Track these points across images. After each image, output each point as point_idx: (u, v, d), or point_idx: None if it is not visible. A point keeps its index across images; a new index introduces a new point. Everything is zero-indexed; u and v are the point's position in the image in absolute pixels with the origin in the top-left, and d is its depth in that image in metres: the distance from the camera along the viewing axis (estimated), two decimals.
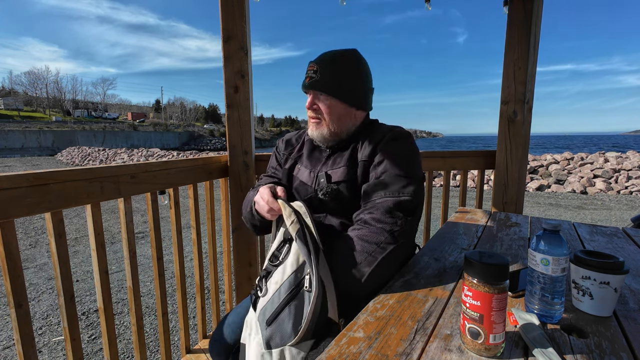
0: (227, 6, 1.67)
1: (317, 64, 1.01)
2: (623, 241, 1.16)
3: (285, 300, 0.84)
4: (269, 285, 0.90)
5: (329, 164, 1.05)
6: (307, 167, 1.09)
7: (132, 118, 78.57)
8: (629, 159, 9.84)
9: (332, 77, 1.00)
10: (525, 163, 1.94)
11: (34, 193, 0.99)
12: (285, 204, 0.92)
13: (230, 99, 1.76)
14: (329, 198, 0.99)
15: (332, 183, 0.99)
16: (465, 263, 0.59)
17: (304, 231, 0.86)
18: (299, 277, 0.86)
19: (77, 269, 3.44)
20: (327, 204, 1.01)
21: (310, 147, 1.12)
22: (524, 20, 1.79)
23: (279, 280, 0.87)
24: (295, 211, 0.90)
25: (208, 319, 2.35)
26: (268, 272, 0.92)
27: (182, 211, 5.15)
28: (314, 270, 0.82)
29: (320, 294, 0.82)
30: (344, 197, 0.98)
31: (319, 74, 1.00)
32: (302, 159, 1.13)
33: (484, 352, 0.56)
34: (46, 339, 2.26)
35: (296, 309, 0.83)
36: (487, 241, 1.15)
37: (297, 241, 0.85)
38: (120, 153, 19.88)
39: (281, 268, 0.89)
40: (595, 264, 0.67)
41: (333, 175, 1.01)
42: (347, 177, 0.99)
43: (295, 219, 0.88)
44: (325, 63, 1.01)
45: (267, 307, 0.87)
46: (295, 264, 0.87)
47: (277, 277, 0.88)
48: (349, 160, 1.01)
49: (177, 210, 1.55)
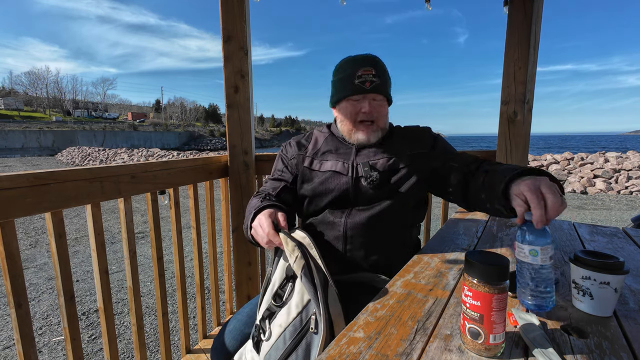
0: (227, 6, 1.67)
1: (373, 67, 1.04)
2: (623, 241, 1.16)
3: (291, 346, 0.81)
4: (272, 328, 0.85)
5: (362, 156, 1.08)
6: (336, 159, 1.10)
7: (132, 118, 78.61)
8: (629, 159, 9.84)
9: (385, 79, 1.07)
10: (525, 163, 1.94)
11: (34, 193, 0.99)
12: (288, 238, 0.85)
13: (230, 99, 1.76)
14: (373, 185, 1.03)
15: (376, 172, 1.03)
16: (466, 263, 0.59)
17: (310, 266, 0.82)
18: (305, 318, 0.82)
19: (77, 269, 3.44)
20: (365, 193, 1.04)
21: (333, 142, 1.14)
22: (524, 20, 1.79)
23: (284, 323, 0.83)
24: (298, 244, 0.85)
25: (208, 319, 2.35)
26: (272, 313, 0.88)
27: (182, 211, 5.15)
28: (321, 311, 0.78)
29: (329, 335, 0.78)
30: (385, 186, 1.04)
31: (378, 77, 1.04)
32: (321, 155, 1.13)
33: (484, 352, 0.56)
34: (46, 339, 2.26)
35: (304, 355, 0.79)
36: (487, 241, 1.15)
37: (303, 279, 0.81)
38: (120, 153, 19.89)
39: (285, 309, 0.85)
40: (596, 264, 0.67)
41: (376, 165, 1.06)
42: (389, 167, 1.05)
43: (300, 254, 0.83)
44: (378, 66, 1.06)
45: (272, 353, 0.83)
46: (301, 304, 0.83)
47: (281, 319, 0.84)
48: (386, 153, 1.07)
49: (177, 210, 1.55)
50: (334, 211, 1.07)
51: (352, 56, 1.10)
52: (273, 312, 0.88)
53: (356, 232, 1.03)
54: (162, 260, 1.47)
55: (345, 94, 1.07)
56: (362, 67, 1.04)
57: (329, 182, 1.07)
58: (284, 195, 1.13)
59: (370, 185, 1.03)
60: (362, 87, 1.03)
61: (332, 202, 1.07)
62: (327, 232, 1.06)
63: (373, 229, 1.03)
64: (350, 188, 1.05)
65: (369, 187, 1.03)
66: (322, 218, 1.08)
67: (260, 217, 0.93)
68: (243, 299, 1.92)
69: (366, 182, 1.03)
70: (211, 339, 1.79)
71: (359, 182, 1.04)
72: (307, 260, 0.83)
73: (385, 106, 1.09)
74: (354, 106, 1.06)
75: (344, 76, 1.07)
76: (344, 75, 1.07)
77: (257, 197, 1.10)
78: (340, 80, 1.09)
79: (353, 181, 1.05)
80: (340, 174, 1.06)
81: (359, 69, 1.04)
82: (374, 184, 1.03)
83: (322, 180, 1.08)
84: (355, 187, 1.05)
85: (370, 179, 1.03)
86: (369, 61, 1.06)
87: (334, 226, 1.05)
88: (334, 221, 1.05)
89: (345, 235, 1.03)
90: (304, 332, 0.81)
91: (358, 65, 1.05)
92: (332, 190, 1.06)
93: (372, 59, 1.07)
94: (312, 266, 0.82)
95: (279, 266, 0.93)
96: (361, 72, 1.03)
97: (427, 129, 1.17)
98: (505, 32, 1.86)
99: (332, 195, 1.06)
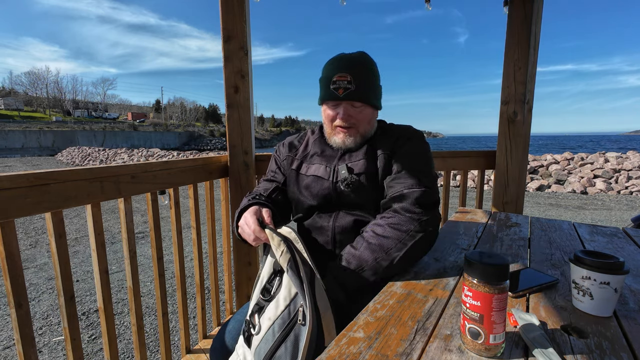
0: (227, 6, 1.67)
1: (349, 72, 1.00)
2: (623, 241, 1.16)
3: (280, 338, 0.81)
4: (262, 322, 0.86)
5: (345, 158, 1.07)
6: (320, 163, 1.09)
7: (132, 118, 78.61)
8: (629, 159, 9.84)
9: (364, 84, 1.02)
10: (525, 163, 1.94)
11: (34, 193, 0.99)
12: (273, 234, 0.87)
13: (230, 99, 1.76)
14: (351, 189, 1.01)
15: (354, 174, 1.02)
16: (466, 263, 0.59)
17: (295, 260, 0.83)
18: (292, 311, 0.83)
19: (77, 269, 3.44)
20: (346, 196, 1.03)
21: (320, 145, 1.13)
22: (524, 21, 1.79)
23: (272, 317, 0.84)
24: (284, 238, 0.85)
25: (208, 319, 2.35)
26: (260, 308, 0.89)
27: (182, 211, 5.15)
28: (307, 303, 0.78)
29: (315, 326, 0.79)
30: (364, 187, 1.02)
31: (354, 83, 1.00)
32: (310, 158, 1.13)
33: (484, 352, 0.56)
34: (46, 339, 2.26)
35: (293, 346, 0.80)
36: (487, 241, 1.15)
37: (289, 272, 0.82)
38: (120, 153, 19.89)
39: (274, 303, 0.86)
40: (596, 264, 0.67)
41: (354, 168, 1.04)
42: (367, 169, 1.03)
43: (285, 249, 0.84)
44: (356, 71, 1.01)
45: (262, 346, 0.83)
46: (288, 297, 0.84)
47: (270, 313, 0.85)
48: (366, 154, 1.05)
49: (177, 210, 1.55)
50: (321, 215, 1.07)
51: (336, 56, 1.06)
52: (262, 306, 0.88)
53: (345, 235, 1.02)
54: (162, 260, 1.47)
55: (322, 98, 1.06)
56: (338, 73, 1.01)
57: (312, 187, 1.07)
58: (276, 196, 1.13)
59: (348, 188, 1.01)
60: (335, 94, 1.01)
61: (317, 207, 1.07)
62: (317, 236, 1.06)
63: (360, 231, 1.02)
64: (332, 192, 1.04)
65: (348, 191, 1.01)
66: (312, 222, 1.08)
67: (246, 215, 0.96)
68: (243, 299, 1.92)
69: (343, 185, 1.01)
70: (211, 339, 1.79)
71: (338, 186, 1.03)
72: (292, 254, 0.83)
73: (366, 112, 1.05)
74: (332, 110, 1.05)
75: (323, 79, 1.05)
76: (323, 78, 1.06)
77: (247, 197, 1.10)
78: (321, 81, 1.07)
79: (333, 185, 1.04)
80: (322, 178, 1.06)
81: (335, 74, 1.01)
82: (352, 187, 1.01)
83: (306, 185, 1.08)
84: (335, 191, 1.04)
85: (346, 182, 1.01)
86: (345, 66, 1.01)
87: (323, 231, 1.05)
88: (322, 225, 1.05)
89: (334, 239, 1.03)
90: (292, 324, 0.82)
91: (335, 70, 1.02)
92: (316, 195, 1.06)
93: (350, 64, 1.02)
94: (298, 259, 0.83)
95: (267, 262, 0.95)
96: (336, 78, 1.00)
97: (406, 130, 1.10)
98: (505, 33, 1.86)
99: (316, 200, 1.06)
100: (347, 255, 0.92)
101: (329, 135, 1.10)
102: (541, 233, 1.25)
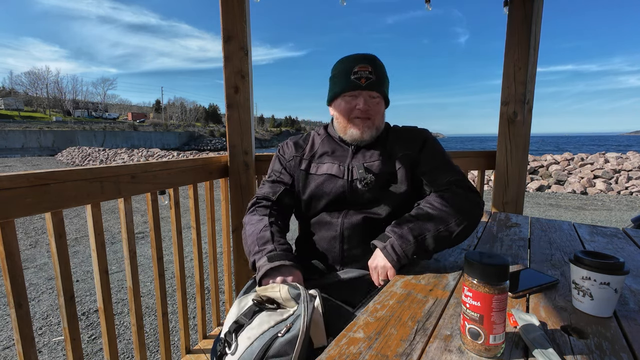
0: (227, 6, 1.67)
1: (369, 64, 1.04)
2: (623, 242, 1.16)
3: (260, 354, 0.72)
4: (239, 341, 0.77)
5: (358, 157, 1.09)
6: (332, 162, 1.10)
7: (133, 118, 78.58)
8: (629, 160, 9.84)
9: (382, 77, 1.07)
10: (525, 163, 1.94)
11: (34, 193, 0.99)
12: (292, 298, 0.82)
13: (230, 99, 1.76)
14: (368, 188, 1.03)
15: (371, 174, 1.04)
16: (465, 263, 0.59)
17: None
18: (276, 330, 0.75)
19: (77, 269, 3.44)
20: (361, 195, 1.04)
21: (329, 144, 1.14)
22: (524, 21, 1.79)
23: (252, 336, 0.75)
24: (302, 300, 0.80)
25: (208, 319, 2.35)
26: (240, 326, 0.80)
27: (182, 211, 5.15)
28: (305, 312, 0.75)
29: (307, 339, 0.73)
30: (380, 187, 1.04)
31: (374, 74, 1.04)
32: (318, 157, 1.13)
33: (484, 352, 0.56)
34: (46, 339, 2.26)
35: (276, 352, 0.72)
36: (487, 241, 1.15)
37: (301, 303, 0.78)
38: (120, 153, 19.89)
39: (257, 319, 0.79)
40: (596, 265, 0.67)
41: (371, 168, 1.06)
42: (385, 169, 1.06)
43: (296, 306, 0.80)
44: (375, 63, 1.05)
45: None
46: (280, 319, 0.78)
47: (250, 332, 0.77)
48: (381, 155, 1.07)
49: (177, 210, 1.55)
50: (331, 212, 1.08)
51: (350, 55, 1.10)
52: (242, 324, 0.81)
53: (353, 231, 1.04)
54: (162, 260, 1.47)
55: (341, 90, 1.06)
56: (359, 64, 1.04)
57: (325, 185, 1.07)
58: (284, 198, 1.13)
59: (366, 187, 1.03)
60: (357, 83, 1.03)
61: (328, 204, 1.08)
62: (324, 231, 1.07)
63: (369, 228, 1.04)
64: (346, 191, 1.06)
65: (364, 190, 1.04)
66: (319, 218, 1.09)
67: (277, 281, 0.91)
68: None
69: (361, 184, 1.04)
70: (211, 339, 1.79)
71: (354, 185, 1.05)
72: None
73: (381, 105, 1.09)
74: (349, 102, 1.06)
75: (340, 72, 1.07)
76: (340, 72, 1.07)
77: (256, 213, 1.07)
78: (336, 76, 1.09)
79: (348, 184, 1.06)
80: (336, 177, 1.07)
81: (355, 65, 1.04)
82: (369, 186, 1.03)
83: (318, 184, 1.09)
84: (350, 189, 1.05)
85: (365, 182, 1.03)
86: (366, 59, 1.05)
87: (331, 226, 1.06)
88: (330, 221, 1.06)
89: (342, 234, 1.04)
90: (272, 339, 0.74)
91: (355, 62, 1.05)
92: (329, 193, 1.07)
93: (369, 57, 1.07)
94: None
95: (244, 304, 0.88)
96: (357, 69, 1.03)
97: (422, 130, 1.15)
98: (505, 33, 1.86)
99: (329, 198, 1.07)
100: (404, 223, 0.94)
101: (343, 129, 1.10)
102: (541, 233, 1.25)
